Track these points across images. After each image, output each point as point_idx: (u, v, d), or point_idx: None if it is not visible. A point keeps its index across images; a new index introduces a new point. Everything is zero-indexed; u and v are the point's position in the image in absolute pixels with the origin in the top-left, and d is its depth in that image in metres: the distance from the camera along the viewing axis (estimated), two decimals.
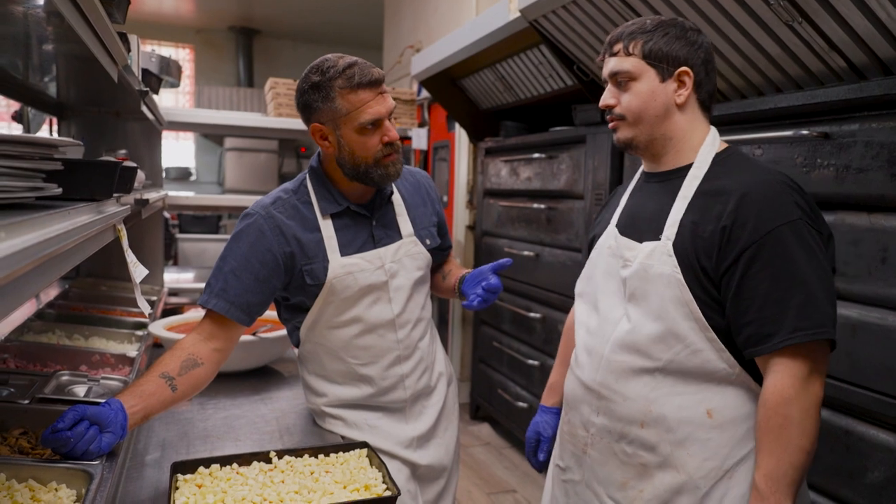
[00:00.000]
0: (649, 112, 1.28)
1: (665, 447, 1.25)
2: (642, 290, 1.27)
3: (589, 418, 1.35)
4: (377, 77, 1.44)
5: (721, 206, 1.20)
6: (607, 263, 1.38)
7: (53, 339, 2.08)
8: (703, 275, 1.20)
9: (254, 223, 1.50)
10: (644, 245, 1.28)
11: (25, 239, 0.65)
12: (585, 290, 1.46)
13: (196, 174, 8.78)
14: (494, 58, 3.46)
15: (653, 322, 1.25)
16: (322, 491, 1.22)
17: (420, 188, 1.72)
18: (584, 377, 1.37)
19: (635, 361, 1.27)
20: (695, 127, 1.30)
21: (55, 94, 2.32)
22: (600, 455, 1.34)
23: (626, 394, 1.28)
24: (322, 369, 1.62)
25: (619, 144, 1.35)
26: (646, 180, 1.40)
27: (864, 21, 1.60)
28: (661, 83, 1.27)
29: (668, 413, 1.24)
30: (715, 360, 1.21)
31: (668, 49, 1.26)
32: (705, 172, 1.26)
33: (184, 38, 8.67)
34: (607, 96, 1.33)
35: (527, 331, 3.48)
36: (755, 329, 1.16)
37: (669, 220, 1.26)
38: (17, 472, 1.17)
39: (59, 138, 0.93)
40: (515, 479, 3.42)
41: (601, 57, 1.36)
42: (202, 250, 5.94)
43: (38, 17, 1.03)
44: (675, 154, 1.31)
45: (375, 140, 1.46)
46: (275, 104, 4.17)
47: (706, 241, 1.20)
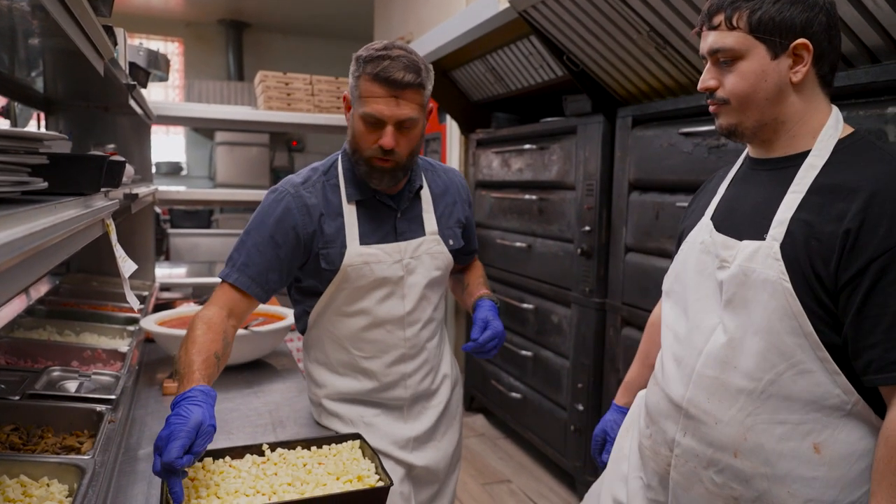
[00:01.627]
0: (759, 95, 1.08)
1: (761, 482, 1.08)
2: (742, 297, 1.09)
3: (674, 437, 1.19)
4: (397, 78, 1.37)
5: (844, 203, 1.01)
6: (700, 262, 1.20)
7: (44, 335, 2.07)
8: (817, 284, 1.02)
9: (282, 199, 1.49)
10: (745, 244, 1.11)
11: (11, 233, 0.65)
12: (674, 290, 1.28)
13: (187, 169, 8.73)
14: (485, 49, 3.46)
15: (753, 336, 1.07)
16: (315, 482, 1.23)
17: (451, 187, 1.68)
18: (671, 390, 1.21)
19: (731, 379, 1.10)
20: (814, 108, 1.10)
21: (42, 89, 2.30)
22: (684, 480, 1.18)
23: (719, 416, 1.11)
24: (325, 357, 1.61)
25: (721, 131, 1.17)
26: (751, 167, 1.21)
27: (852, 10, 1.61)
28: (772, 60, 1.07)
29: (766, 443, 1.07)
30: (827, 384, 1.03)
31: (781, 17, 1.04)
32: (825, 162, 1.07)
33: (173, 32, 8.61)
34: (707, 77, 1.14)
35: (520, 322, 3.49)
36: (881, 353, 0.97)
37: (778, 216, 1.08)
38: (8, 467, 1.17)
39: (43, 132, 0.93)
40: (510, 469, 3.44)
41: (697, 28, 1.16)
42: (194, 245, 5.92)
43: (22, 11, 1.02)
44: (788, 139, 1.12)
45: (372, 138, 1.43)
46: (265, 97, 4.15)
47: (823, 246, 1.01)
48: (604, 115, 2.79)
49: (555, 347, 3.18)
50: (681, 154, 2.32)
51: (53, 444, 1.35)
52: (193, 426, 1.11)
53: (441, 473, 1.68)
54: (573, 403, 3.00)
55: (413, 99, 1.41)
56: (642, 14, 2.20)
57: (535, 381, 3.36)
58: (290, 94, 4.15)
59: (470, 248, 1.77)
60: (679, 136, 2.32)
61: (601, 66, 2.63)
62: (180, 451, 1.06)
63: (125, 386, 1.67)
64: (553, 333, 3.18)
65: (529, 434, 3.45)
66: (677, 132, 2.33)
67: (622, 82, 2.64)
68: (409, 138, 1.45)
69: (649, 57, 2.38)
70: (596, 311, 2.85)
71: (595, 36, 2.49)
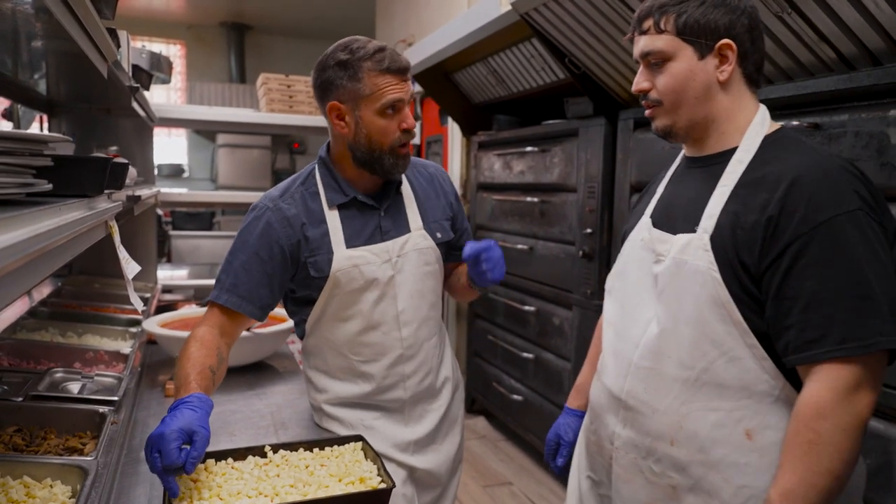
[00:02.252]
0: (688, 94, 1.13)
1: (697, 469, 1.11)
2: (674, 288, 1.13)
3: (614, 430, 1.23)
4: (405, 65, 1.45)
5: (767, 194, 1.05)
6: (639, 258, 1.24)
7: (47, 336, 2.08)
8: (743, 272, 1.06)
9: (262, 216, 1.50)
10: (678, 237, 1.15)
11: (15, 234, 0.65)
12: (614, 287, 1.33)
13: (189, 171, 8.74)
14: (486, 51, 3.46)
15: (685, 325, 1.11)
16: (317, 484, 1.23)
17: (433, 181, 1.68)
18: (611, 384, 1.24)
19: (666, 369, 1.13)
20: (741, 106, 1.15)
21: (45, 91, 2.31)
22: (625, 472, 1.21)
23: (656, 405, 1.15)
24: (324, 364, 1.61)
25: (657, 133, 1.22)
26: (686, 166, 1.26)
27: (854, 12, 1.61)
28: (699, 60, 1.12)
29: (701, 430, 1.10)
30: (756, 370, 1.06)
31: (705, 20, 1.10)
32: (752, 157, 1.12)
33: (175, 35, 8.62)
34: (640, 80, 1.19)
35: (521, 324, 3.49)
36: (797, 333, 1.01)
37: (707, 210, 1.12)
38: (11, 468, 1.17)
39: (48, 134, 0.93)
40: (511, 471, 3.44)
41: (629, 35, 1.21)
42: (195, 247, 5.92)
43: (26, 14, 1.03)
44: (718, 137, 1.17)
45: (394, 125, 1.45)
46: (267, 100, 4.16)
47: (748, 234, 1.05)
48: (605, 118, 2.79)
49: (556, 350, 3.18)
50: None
51: (56, 445, 1.35)
52: (186, 426, 1.14)
53: (443, 477, 1.67)
54: None
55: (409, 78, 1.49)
56: None
57: (537, 384, 3.36)
58: (291, 96, 4.16)
59: (462, 241, 1.73)
60: None
61: (603, 68, 2.64)
62: (178, 452, 1.10)
63: (127, 387, 1.67)
64: (554, 336, 3.18)
65: (531, 436, 3.44)
66: None
67: (624, 85, 2.64)
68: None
69: None
70: (597, 313, 2.84)
71: (597, 38, 2.49)
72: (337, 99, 1.46)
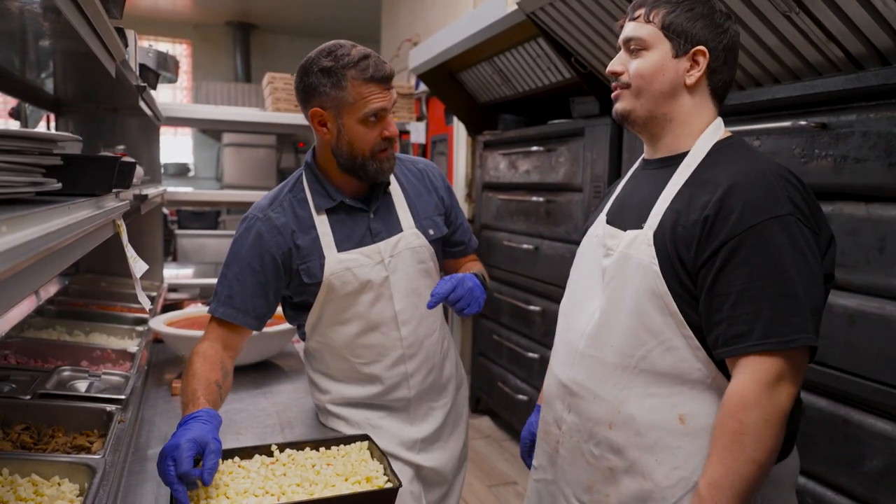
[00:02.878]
0: (654, 85, 1.20)
1: (632, 451, 1.17)
2: (619, 280, 1.20)
3: (561, 415, 1.29)
4: (389, 73, 1.44)
5: (707, 196, 1.12)
6: (593, 252, 1.31)
7: (54, 335, 2.08)
8: (681, 267, 1.13)
9: (252, 227, 1.50)
10: (627, 234, 1.21)
11: (26, 233, 0.65)
12: (571, 280, 1.40)
13: (194, 170, 8.76)
14: (492, 51, 3.46)
15: (626, 315, 1.17)
16: (324, 483, 1.23)
17: (423, 177, 1.67)
18: (559, 372, 1.31)
19: (607, 357, 1.20)
20: (699, 113, 1.22)
21: (52, 90, 2.32)
22: (569, 455, 1.27)
23: (597, 391, 1.21)
24: (326, 367, 1.61)
25: (616, 117, 1.27)
26: (642, 167, 1.34)
27: (862, 11, 1.60)
28: (673, 58, 1.19)
29: (637, 415, 1.16)
30: (690, 359, 1.13)
31: (689, 25, 1.17)
32: (700, 161, 1.19)
33: (181, 34, 8.65)
34: (615, 62, 1.25)
35: (526, 324, 3.49)
36: (725, 328, 1.08)
37: (655, 208, 1.18)
38: (19, 466, 1.17)
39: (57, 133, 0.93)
40: (516, 471, 3.44)
41: (621, 22, 1.28)
42: (201, 246, 5.93)
43: (34, 13, 1.03)
44: (673, 138, 1.24)
45: (376, 133, 1.45)
46: (273, 99, 4.17)
47: (687, 232, 1.12)
48: (611, 118, 2.78)
49: None
50: None
51: (64, 443, 1.35)
52: (198, 437, 1.16)
53: (449, 474, 1.68)
54: None
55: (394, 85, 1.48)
56: None
57: (542, 384, 3.35)
58: None
59: (459, 238, 1.72)
60: None
61: None
62: (191, 461, 1.12)
63: (134, 386, 1.68)
64: None
65: None
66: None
67: None
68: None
69: None
70: None
71: (603, 38, 2.49)
72: (320, 105, 1.45)
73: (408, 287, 1.55)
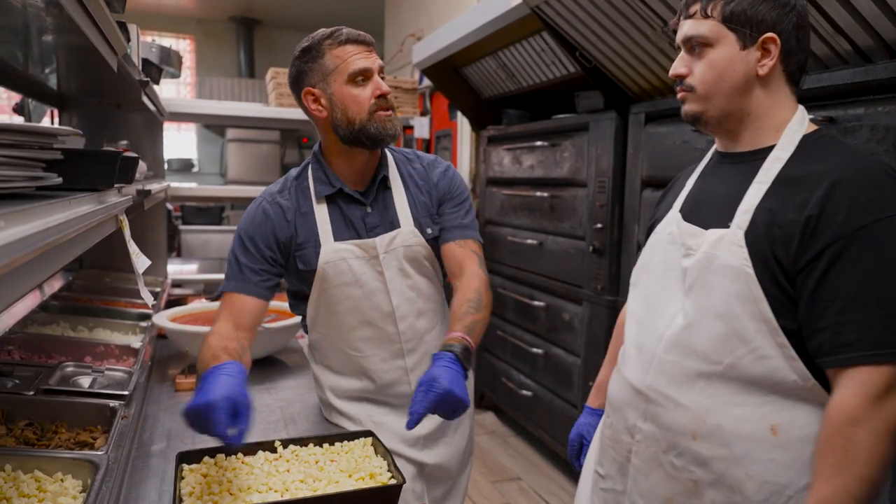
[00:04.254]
0: (725, 84, 1.12)
1: (719, 464, 1.10)
2: (704, 282, 1.12)
3: (634, 423, 1.21)
4: (366, 37, 1.47)
5: (806, 193, 1.03)
6: (666, 251, 1.23)
7: (58, 330, 2.08)
8: (778, 269, 1.05)
9: (259, 207, 1.54)
10: (710, 232, 1.13)
11: (26, 228, 0.65)
12: (639, 280, 1.31)
13: (198, 165, 8.76)
14: (496, 45, 3.44)
15: (713, 320, 1.09)
16: (327, 479, 1.22)
17: (426, 173, 1.62)
18: (632, 378, 1.23)
19: (691, 364, 1.12)
20: (778, 103, 1.13)
21: (56, 86, 2.31)
22: (645, 465, 1.20)
23: (679, 400, 1.13)
24: (327, 359, 1.61)
25: (686, 118, 1.20)
26: (718, 161, 1.24)
27: (870, 3, 1.59)
28: (741, 51, 1.10)
29: (725, 425, 1.09)
30: (784, 369, 1.05)
31: (752, 11, 1.08)
32: (790, 155, 1.10)
33: (184, 29, 8.64)
34: (678, 65, 1.17)
35: (530, 319, 3.48)
36: (830, 336, 1.00)
37: (742, 206, 1.10)
38: (22, 462, 1.17)
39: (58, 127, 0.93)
40: (520, 467, 3.43)
41: (675, 20, 1.19)
42: (205, 241, 5.93)
43: (37, 8, 1.03)
44: (753, 132, 1.15)
45: (367, 93, 1.45)
46: (276, 94, 4.16)
47: (785, 232, 1.04)
48: (616, 112, 2.77)
49: (566, 345, 3.17)
50: (694, 151, 2.30)
51: (67, 439, 1.35)
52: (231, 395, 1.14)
53: (453, 471, 1.67)
54: (584, 401, 2.98)
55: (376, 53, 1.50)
56: (656, 9, 2.18)
57: (546, 379, 3.35)
58: None
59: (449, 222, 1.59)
60: (693, 132, 2.30)
61: (614, 62, 2.61)
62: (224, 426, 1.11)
63: (138, 382, 1.67)
64: (564, 331, 3.17)
65: (540, 432, 3.44)
66: (691, 129, 2.31)
67: (635, 78, 2.62)
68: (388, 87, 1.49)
69: (663, 53, 2.36)
70: (607, 308, 2.83)
71: (608, 32, 2.47)
72: (309, 84, 1.48)
73: (403, 283, 1.55)
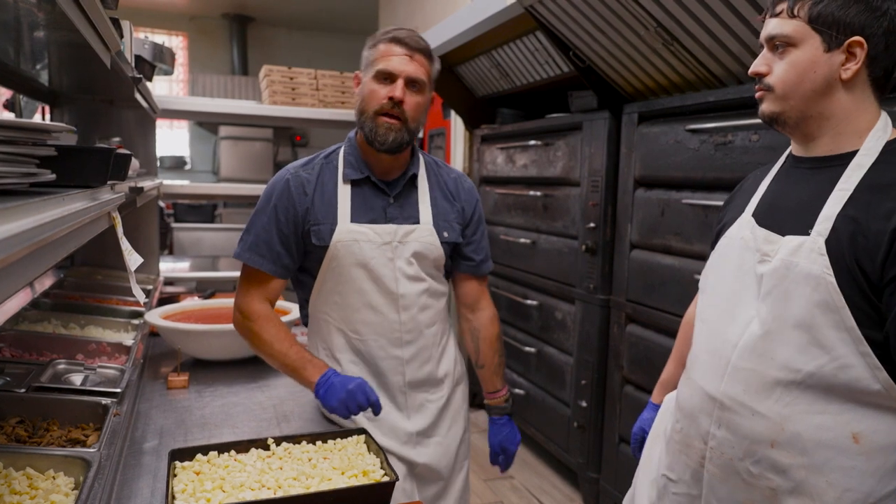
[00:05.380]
0: (805, 86, 1.09)
1: (798, 472, 1.09)
2: (782, 290, 1.10)
3: (708, 430, 1.21)
4: (411, 41, 1.50)
5: (892, 202, 1.01)
6: (740, 257, 1.21)
7: (49, 328, 2.07)
8: (863, 279, 1.02)
9: (282, 178, 1.58)
10: (788, 239, 1.11)
11: (19, 224, 0.65)
12: (710, 285, 1.29)
13: (191, 163, 8.72)
14: (490, 44, 3.44)
15: (793, 329, 1.08)
16: (320, 477, 1.22)
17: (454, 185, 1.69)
18: (705, 383, 1.22)
19: (769, 371, 1.11)
20: (861, 108, 1.10)
21: (47, 82, 2.30)
22: (720, 472, 1.19)
23: (756, 408, 1.12)
24: (325, 343, 1.63)
25: (762, 118, 1.18)
26: (794, 165, 1.21)
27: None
28: (825, 53, 1.08)
29: (804, 433, 1.07)
30: (867, 378, 1.03)
31: (841, 13, 1.06)
32: (873, 161, 1.07)
33: (177, 26, 8.60)
34: (759, 62, 1.15)
35: (523, 318, 3.49)
36: None
37: (823, 213, 1.08)
38: (14, 460, 1.17)
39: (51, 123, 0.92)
40: (513, 465, 3.43)
41: (762, 17, 1.17)
42: (198, 239, 5.92)
43: (28, 3, 1.02)
44: (833, 137, 1.13)
45: (384, 92, 1.49)
46: (269, 92, 4.14)
47: (870, 242, 1.01)
48: (609, 112, 2.78)
49: (558, 344, 3.18)
50: (687, 151, 2.31)
51: (59, 436, 1.35)
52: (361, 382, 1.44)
53: (444, 471, 1.67)
54: (576, 400, 3.00)
55: (423, 63, 1.52)
56: (649, 9, 2.18)
57: (539, 378, 3.36)
58: (294, 88, 4.15)
59: (470, 252, 1.70)
60: (685, 132, 2.31)
61: (607, 61, 2.62)
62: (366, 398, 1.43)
63: (130, 379, 1.67)
64: (557, 330, 3.18)
65: (532, 430, 3.44)
66: (684, 129, 2.32)
67: (628, 78, 2.63)
68: (417, 101, 1.52)
69: (656, 53, 2.37)
70: (600, 307, 2.84)
71: (601, 31, 2.48)
72: (360, 69, 1.57)
73: (412, 274, 1.58)
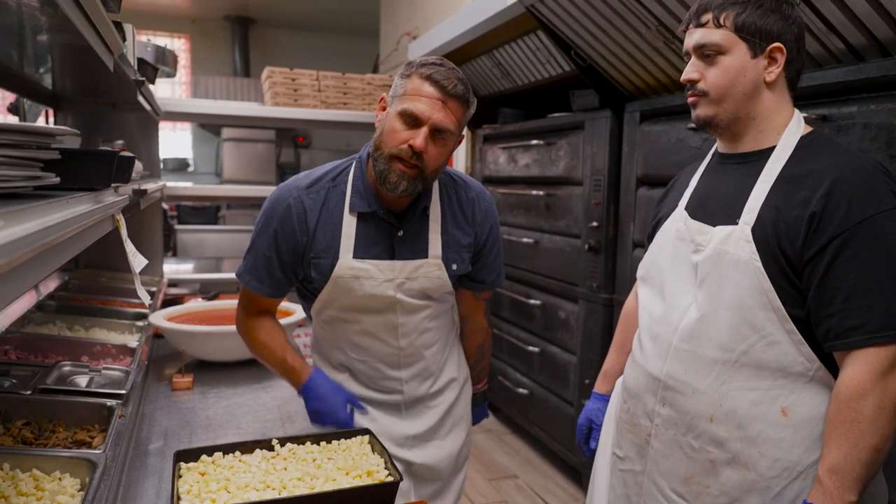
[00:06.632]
0: (736, 89, 1.20)
1: (735, 444, 1.19)
2: (715, 276, 1.20)
3: (653, 408, 1.30)
4: (448, 84, 1.35)
5: (809, 190, 1.12)
6: (674, 247, 1.31)
7: (54, 330, 2.08)
8: (785, 262, 1.13)
9: (283, 202, 1.47)
10: (718, 229, 1.22)
11: (24, 227, 0.65)
12: (649, 275, 1.38)
13: (194, 165, 8.75)
14: (492, 44, 3.45)
15: (726, 311, 1.18)
16: (325, 477, 1.23)
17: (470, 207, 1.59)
18: (649, 366, 1.31)
19: (707, 352, 1.21)
20: (780, 107, 1.22)
21: (51, 85, 2.31)
22: (664, 447, 1.28)
23: (696, 386, 1.22)
24: (325, 352, 1.62)
25: (696, 122, 1.27)
26: (721, 161, 1.32)
27: (863, 2, 1.60)
28: (751, 59, 1.18)
29: (739, 408, 1.18)
30: (793, 353, 1.14)
31: (762, 22, 1.17)
32: (790, 155, 1.19)
33: (179, 28, 8.62)
34: (690, 70, 1.24)
35: (526, 318, 3.49)
36: (838, 321, 1.09)
37: (749, 204, 1.18)
38: (20, 461, 1.17)
39: (56, 127, 0.93)
40: (516, 464, 3.44)
41: (684, 27, 1.27)
42: (201, 241, 5.93)
43: (32, 7, 1.03)
44: (756, 135, 1.23)
45: (404, 135, 1.35)
46: (272, 93, 4.15)
47: (790, 228, 1.12)
48: (611, 111, 2.78)
49: (562, 343, 3.18)
50: (689, 149, 2.31)
51: (65, 438, 1.35)
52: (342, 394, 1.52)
53: (443, 472, 1.66)
54: (580, 399, 3.00)
55: (455, 111, 1.38)
56: (650, 8, 2.19)
57: (542, 377, 3.36)
58: (296, 89, 4.15)
59: (479, 276, 1.63)
60: (687, 130, 2.31)
61: (609, 60, 2.62)
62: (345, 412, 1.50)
63: (135, 381, 1.67)
64: (560, 329, 3.18)
65: (536, 430, 3.45)
66: (686, 127, 2.32)
67: (630, 77, 2.63)
68: (440, 151, 1.39)
69: (657, 51, 2.37)
70: (603, 306, 2.84)
71: (603, 30, 2.48)
72: (389, 93, 1.43)
73: (413, 307, 1.52)
